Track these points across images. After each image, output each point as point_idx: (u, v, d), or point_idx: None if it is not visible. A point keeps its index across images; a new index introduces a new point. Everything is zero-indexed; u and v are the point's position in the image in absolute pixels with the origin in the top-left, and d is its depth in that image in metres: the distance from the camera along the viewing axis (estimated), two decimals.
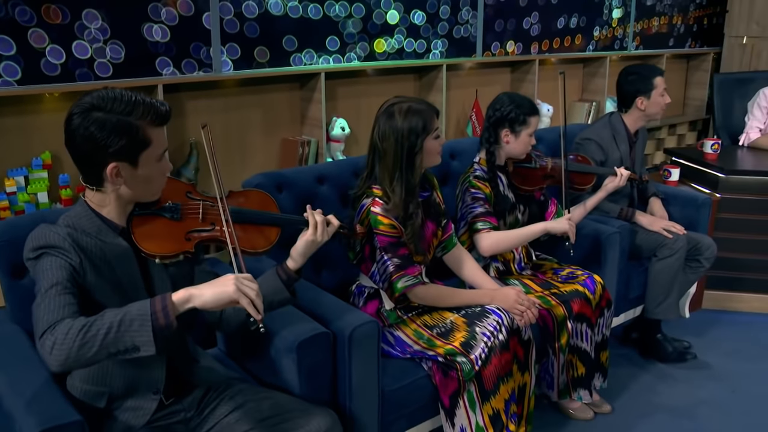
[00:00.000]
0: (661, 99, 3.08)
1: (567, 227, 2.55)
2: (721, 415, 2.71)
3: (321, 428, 1.72)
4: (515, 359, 2.28)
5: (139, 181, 1.57)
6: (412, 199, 2.21)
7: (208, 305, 1.43)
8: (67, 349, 1.33)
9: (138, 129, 1.51)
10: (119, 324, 1.36)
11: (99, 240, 1.57)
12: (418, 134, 2.17)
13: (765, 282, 3.60)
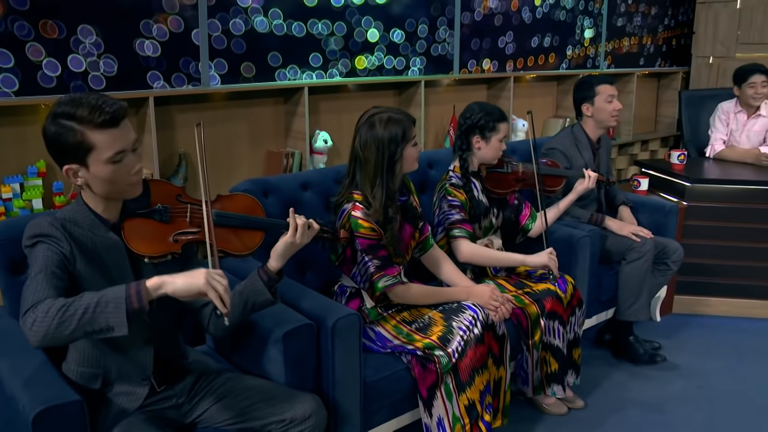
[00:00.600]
0: (608, 105, 3.23)
1: (547, 261, 2.67)
2: (689, 408, 2.84)
3: (306, 411, 1.83)
4: (490, 354, 2.40)
5: (97, 182, 1.63)
6: (392, 204, 2.33)
7: (178, 293, 1.53)
8: (46, 327, 1.43)
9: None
10: (96, 305, 1.46)
11: (91, 232, 1.67)
12: (398, 143, 2.30)
13: (732, 286, 3.76)
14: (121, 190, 1.67)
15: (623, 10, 5.35)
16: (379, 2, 3.70)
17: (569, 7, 4.85)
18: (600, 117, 3.26)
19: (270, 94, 3.46)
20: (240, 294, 1.88)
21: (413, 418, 2.41)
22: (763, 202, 3.64)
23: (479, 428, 2.31)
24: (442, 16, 4.03)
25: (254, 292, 1.86)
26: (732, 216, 3.69)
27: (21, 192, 2.62)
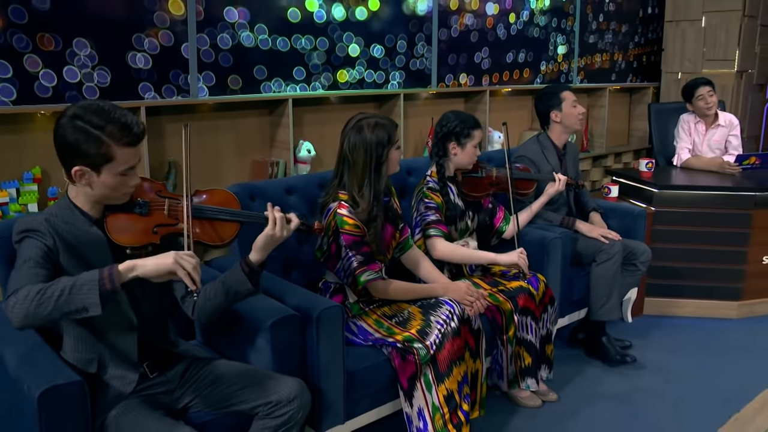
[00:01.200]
0: (574, 110, 3.42)
1: (517, 259, 2.82)
2: (656, 400, 2.99)
3: (292, 392, 1.95)
4: (467, 347, 2.53)
5: (100, 187, 1.77)
6: (377, 203, 2.48)
7: (149, 275, 1.66)
8: (26, 308, 1.56)
9: (104, 144, 1.71)
10: (71, 288, 1.59)
11: (75, 228, 1.79)
12: (384, 145, 2.46)
13: (698, 288, 3.93)
14: (116, 197, 1.82)
15: (594, 27, 5.57)
16: (360, 19, 3.86)
17: (542, 24, 5.05)
18: (568, 122, 3.44)
19: (255, 106, 3.59)
20: (223, 283, 1.99)
21: (394, 408, 2.53)
22: (726, 207, 3.83)
23: (458, 417, 2.43)
24: (420, 32, 4.20)
25: (236, 282, 1.97)
26: (697, 221, 3.86)
27: (17, 197, 2.73)
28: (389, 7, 3.98)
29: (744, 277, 3.90)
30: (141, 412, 1.81)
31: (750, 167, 4.17)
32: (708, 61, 5.75)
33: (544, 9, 5.03)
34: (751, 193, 3.80)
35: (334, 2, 3.70)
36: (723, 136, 4.42)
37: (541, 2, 5.00)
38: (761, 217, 3.82)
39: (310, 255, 2.69)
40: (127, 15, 2.95)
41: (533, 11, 4.95)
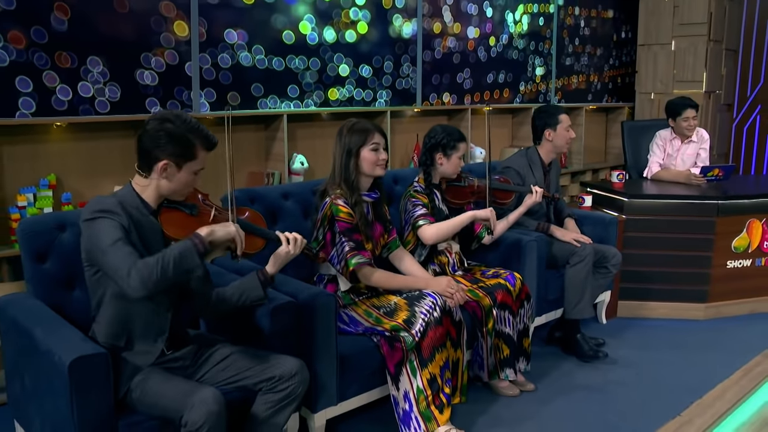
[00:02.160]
0: (566, 133, 3.70)
1: (489, 214, 3.10)
2: (627, 390, 3.22)
3: (293, 368, 2.18)
4: (449, 337, 2.77)
5: (175, 182, 2.09)
6: (353, 190, 2.77)
7: (219, 239, 2.03)
8: (156, 278, 1.89)
9: (191, 145, 2.07)
10: (180, 255, 1.93)
11: (138, 212, 2.07)
12: (357, 146, 2.76)
13: (668, 291, 4.18)
14: (182, 192, 2.15)
15: (571, 50, 5.90)
16: (350, 41, 4.14)
17: (521, 47, 5.37)
18: (558, 142, 3.71)
19: (253, 121, 3.84)
20: (237, 287, 2.27)
21: (382, 393, 2.76)
22: (691, 214, 4.10)
23: (440, 399, 2.66)
24: (406, 54, 4.49)
25: (251, 287, 2.25)
26: (665, 228, 4.13)
27: (34, 201, 2.96)
28: (377, 30, 4.27)
29: (709, 280, 4.16)
30: (165, 376, 2.05)
31: (714, 178, 4.46)
32: (678, 82, 6.09)
33: (522, 33, 5.35)
34: (714, 201, 4.08)
35: (326, 25, 3.98)
36: (695, 150, 4.72)
37: (519, 26, 5.32)
38: (724, 224, 4.10)
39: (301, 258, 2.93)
40: (136, 35, 3.21)
41: (512, 35, 5.27)
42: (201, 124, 2.12)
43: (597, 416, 2.97)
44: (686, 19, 5.98)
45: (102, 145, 3.24)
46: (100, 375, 1.94)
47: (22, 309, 2.27)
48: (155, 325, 2.14)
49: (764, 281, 4.30)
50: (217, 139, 2.16)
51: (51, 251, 2.39)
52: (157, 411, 2.02)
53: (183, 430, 1.92)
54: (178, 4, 3.32)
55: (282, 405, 2.18)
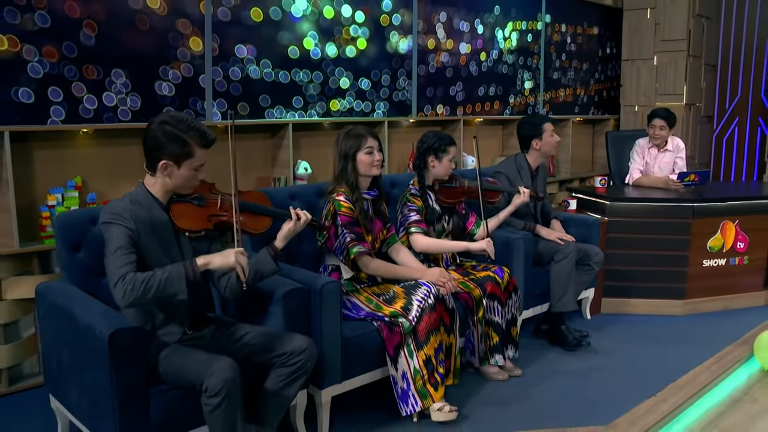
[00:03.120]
0: (551, 139, 4.00)
1: (485, 246, 3.35)
2: (607, 375, 3.50)
3: (303, 344, 2.44)
4: (442, 323, 3.04)
5: (177, 178, 2.32)
6: (353, 189, 3.04)
7: (216, 268, 2.25)
8: (135, 296, 2.11)
9: (187, 144, 2.28)
10: (166, 280, 2.15)
11: (149, 212, 2.31)
12: (351, 148, 3.05)
13: (648, 289, 4.46)
14: (186, 187, 2.38)
15: (558, 65, 6.22)
16: (350, 56, 4.44)
17: (510, 62, 5.68)
18: (545, 149, 4.02)
19: (260, 129, 4.12)
20: (252, 264, 2.51)
21: (383, 374, 3.02)
22: (669, 216, 4.39)
23: (435, 378, 2.93)
24: (402, 68, 4.79)
25: (264, 263, 2.49)
26: (645, 229, 4.42)
27: (62, 201, 3.23)
28: (375, 46, 4.58)
29: (687, 278, 4.44)
30: (188, 351, 2.31)
31: (690, 183, 4.75)
32: (660, 95, 6.41)
33: (511, 48, 5.67)
34: (690, 204, 4.38)
35: (328, 41, 4.28)
36: (671, 159, 5.02)
37: (509, 42, 5.63)
38: (699, 225, 4.39)
39: (309, 250, 3.21)
40: (155, 50, 3.49)
41: (502, 50, 5.58)
42: (198, 122, 2.31)
43: (578, 396, 3.23)
44: (667, 36, 6.31)
45: (123, 150, 3.52)
46: (135, 346, 2.20)
47: (60, 293, 2.53)
48: (177, 311, 2.39)
49: (737, 279, 4.59)
50: (214, 136, 2.34)
51: (84, 242, 2.66)
52: (181, 381, 2.28)
53: (204, 395, 2.18)
54: (193, 21, 3.61)
55: (293, 378, 2.44)
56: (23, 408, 3.05)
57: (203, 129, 2.32)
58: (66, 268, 2.65)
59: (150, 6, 3.43)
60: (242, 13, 3.82)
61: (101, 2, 3.26)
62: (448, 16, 5.06)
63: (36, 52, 3.08)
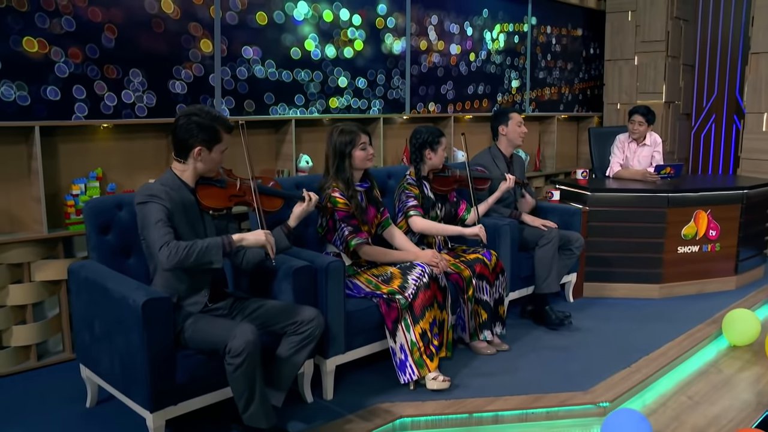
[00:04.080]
0: (518, 128, 4.31)
1: (478, 231, 3.66)
2: (587, 350, 3.79)
3: (312, 314, 2.73)
4: (436, 300, 3.34)
5: (208, 162, 2.65)
6: (349, 186, 3.31)
7: (249, 244, 2.56)
8: (178, 259, 2.41)
9: (216, 130, 2.61)
10: (206, 248, 2.46)
11: (178, 193, 2.61)
12: (347, 145, 3.31)
13: (627, 274, 4.77)
14: (213, 170, 2.71)
15: (543, 65, 6.54)
16: (348, 57, 4.73)
17: (498, 62, 5.99)
18: (511, 137, 4.32)
19: (265, 125, 4.40)
20: None
21: (382, 347, 3.31)
22: (646, 206, 4.70)
23: (430, 350, 3.22)
24: (396, 68, 5.09)
25: (278, 239, 2.77)
26: (624, 218, 4.73)
27: (85, 190, 3.50)
28: (371, 47, 4.87)
29: (662, 264, 4.76)
30: (210, 319, 2.61)
31: (666, 176, 5.08)
32: (641, 94, 6.73)
33: (499, 49, 5.98)
34: (665, 194, 4.69)
35: (327, 43, 4.57)
36: (649, 153, 5.35)
37: (496, 43, 5.94)
38: (674, 214, 4.71)
39: (314, 235, 3.49)
40: (169, 51, 3.77)
41: (490, 51, 5.89)
42: (218, 112, 2.65)
43: (560, 368, 3.53)
44: (647, 37, 6.64)
45: (139, 144, 3.80)
46: (165, 314, 2.49)
47: (92, 270, 2.81)
48: (200, 284, 2.69)
49: (709, 265, 4.91)
50: (232, 122, 2.70)
51: (112, 226, 2.95)
52: (205, 345, 2.57)
53: (227, 357, 2.47)
54: (204, 24, 3.90)
55: (302, 345, 2.73)
56: (52, 380, 3.33)
57: (224, 117, 2.66)
58: (95, 249, 2.93)
59: (164, 10, 3.71)
60: (248, 16, 4.10)
61: (120, 7, 3.54)
62: (439, 19, 5.36)
63: (62, 54, 3.36)
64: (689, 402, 3.36)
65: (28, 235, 3.34)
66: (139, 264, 2.98)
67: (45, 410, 3.00)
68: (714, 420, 3.15)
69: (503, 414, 3.06)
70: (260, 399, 2.51)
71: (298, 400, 3.08)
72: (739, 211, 4.94)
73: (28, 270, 3.39)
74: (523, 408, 3.09)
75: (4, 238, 3.27)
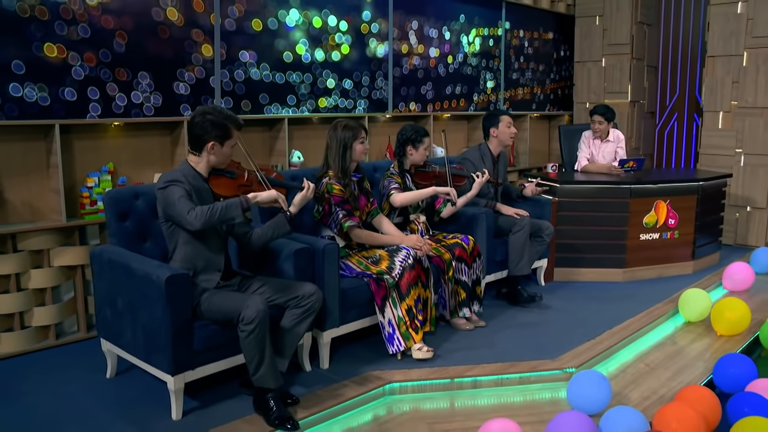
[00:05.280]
0: (507, 130, 4.71)
1: (449, 189, 4.05)
2: (556, 326, 4.19)
3: (312, 289, 3.08)
4: (420, 280, 3.71)
5: (220, 155, 2.99)
6: (346, 175, 3.67)
7: (263, 201, 2.89)
8: (204, 219, 2.76)
9: (228, 128, 2.96)
10: (227, 207, 2.80)
11: (195, 182, 2.95)
12: (349, 139, 3.68)
13: (594, 259, 5.18)
14: (224, 163, 3.05)
15: (516, 67, 6.95)
16: (335, 60, 5.09)
17: (474, 64, 6.39)
18: (502, 137, 4.72)
19: (260, 123, 4.74)
20: (270, 226, 3.16)
21: (372, 321, 3.68)
22: (610, 197, 5.12)
23: (415, 324, 3.60)
24: (380, 70, 5.46)
25: (281, 224, 3.13)
26: (590, 208, 5.14)
27: (99, 183, 3.83)
28: (356, 51, 5.23)
29: (626, 250, 5.18)
30: (225, 292, 2.96)
31: (629, 169, 5.51)
32: (608, 93, 7.18)
33: (475, 52, 6.38)
34: (628, 186, 5.12)
35: (317, 47, 4.93)
36: (612, 149, 5.78)
37: (472, 47, 6.34)
38: (636, 204, 5.14)
39: (309, 222, 3.85)
40: (173, 56, 4.10)
41: (467, 54, 6.29)
42: (229, 111, 3.00)
43: (532, 341, 3.92)
44: (613, 41, 7.08)
45: (147, 140, 4.13)
46: (185, 288, 2.84)
47: (114, 253, 3.15)
48: (213, 262, 3.05)
49: (669, 251, 5.35)
50: (242, 120, 3.06)
51: (130, 213, 3.29)
52: (220, 315, 2.92)
53: (240, 324, 2.82)
54: (205, 31, 4.23)
55: (303, 317, 3.08)
56: (71, 356, 3.65)
57: (234, 116, 3.01)
58: (115, 234, 3.26)
59: (170, 18, 4.04)
60: (245, 23, 4.45)
61: (130, 16, 3.87)
62: (419, 24, 5.74)
63: (79, 58, 3.68)
64: (646, 368, 3.77)
65: (47, 224, 3.66)
66: (154, 247, 3.33)
67: (70, 380, 3.33)
68: (666, 382, 3.57)
69: (481, 379, 3.44)
70: (269, 362, 2.87)
71: (298, 369, 3.43)
72: (695, 202, 5.38)
73: (48, 256, 3.71)
74: (499, 374, 3.47)
75: (26, 226, 3.59)
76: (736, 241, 6.43)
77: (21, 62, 3.47)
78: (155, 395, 3.14)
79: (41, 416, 2.98)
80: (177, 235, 3.00)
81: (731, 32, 6.26)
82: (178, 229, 2.97)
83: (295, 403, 3.03)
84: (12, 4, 3.40)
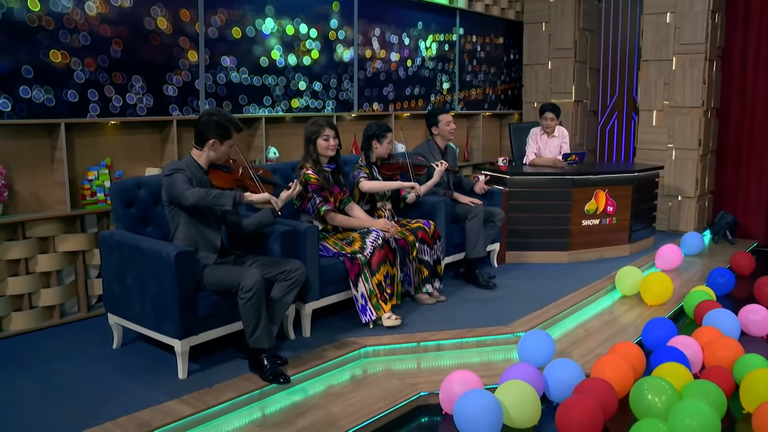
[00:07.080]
0: (447, 127, 5.25)
1: (413, 184, 4.58)
2: (508, 300, 4.74)
3: (297, 265, 3.57)
4: (388, 259, 4.22)
5: (219, 152, 3.44)
6: (316, 164, 4.16)
7: (255, 202, 3.34)
8: (198, 197, 3.19)
9: (228, 129, 3.41)
10: (220, 195, 3.24)
11: (195, 172, 3.40)
12: (312, 134, 4.17)
13: (541, 243, 5.76)
14: (222, 158, 3.48)
15: (470, 69, 7.52)
16: (306, 64, 5.56)
17: (431, 67, 6.93)
18: (443, 134, 5.27)
19: None
20: (257, 217, 3.64)
21: (347, 295, 4.17)
22: (555, 187, 5.70)
23: (385, 296, 4.11)
24: (346, 74, 5.95)
25: (266, 216, 3.62)
26: (537, 197, 5.71)
27: (98, 176, 4.24)
28: (325, 56, 5.72)
29: (570, 234, 5.78)
30: (224, 266, 3.43)
31: (572, 162, 6.13)
32: (554, 94, 7.79)
33: (432, 56, 6.92)
34: (570, 177, 5.72)
35: (290, 53, 5.40)
36: (558, 143, 6.39)
37: (429, 51, 6.88)
38: (578, 193, 5.74)
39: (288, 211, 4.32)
40: (163, 61, 4.52)
41: (424, 58, 6.83)
42: (232, 116, 3.45)
43: (487, 313, 4.46)
44: (558, 45, 7.70)
45: (140, 138, 4.55)
46: (190, 263, 3.29)
47: (122, 236, 3.58)
48: (210, 241, 3.50)
49: (608, 235, 5.97)
50: (242, 124, 3.51)
51: (134, 201, 3.72)
52: (221, 287, 3.38)
53: (240, 293, 3.28)
54: (191, 38, 4.67)
55: (290, 288, 3.55)
56: (76, 333, 4.05)
57: (236, 120, 3.46)
58: (121, 220, 3.69)
59: (160, 27, 4.47)
60: (226, 31, 4.89)
61: (125, 25, 4.28)
62: (381, 31, 6.25)
63: (80, 63, 4.08)
64: (585, 333, 4.37)
65: (54, 213, 4.06)
66: (155, 231, 3.77)
67: (80, 351, 3.74)
68: (602, 343, 4.17)
69: (443, 342, 3.98)
70: (264, 325, 3.34)
71: (284, 338, 3.91)
72: (631, 191, 6.02)
73: (53, 242, 4.11)
74: (459, 338, 4.01)
75: (34, 215, 3.98)
76: (669, 228, 7.11)
77: (30, 67, 3.86)
78: (160, 361, 3.58)
79: (60, 379, 3.39)
80: (178, 217, 3.44)
81: (662, 39, 6.95)
82: (180, 211, 3.41)
83: (284, 364, 3.51)
84: (22, 15, 3.79)
